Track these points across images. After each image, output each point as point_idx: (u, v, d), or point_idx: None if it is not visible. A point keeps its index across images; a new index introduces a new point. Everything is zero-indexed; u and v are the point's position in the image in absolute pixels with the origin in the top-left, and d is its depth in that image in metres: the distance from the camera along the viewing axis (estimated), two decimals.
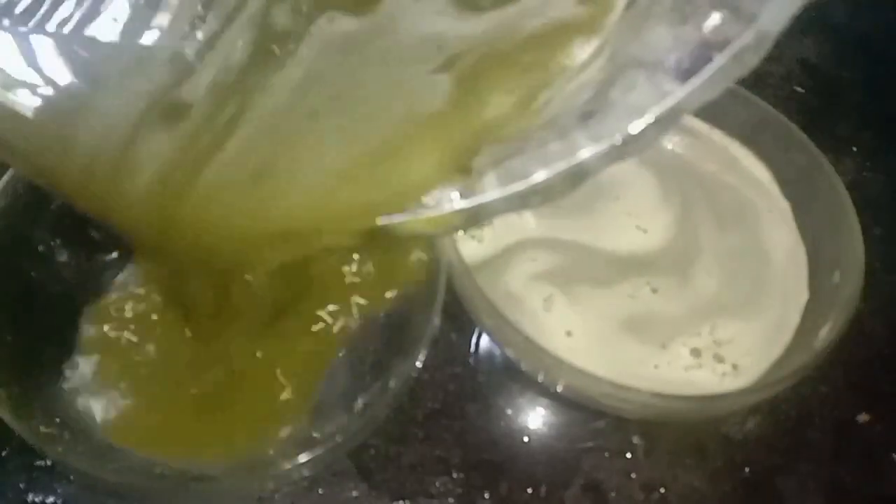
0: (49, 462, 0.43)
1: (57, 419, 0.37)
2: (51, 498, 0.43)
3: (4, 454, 0.44)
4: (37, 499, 0.43)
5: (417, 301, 0.40)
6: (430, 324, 0.38)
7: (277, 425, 0.39)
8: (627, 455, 0.45)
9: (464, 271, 0.37)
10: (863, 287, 0.37)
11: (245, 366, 0.40)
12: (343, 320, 0.41)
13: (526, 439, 0.46)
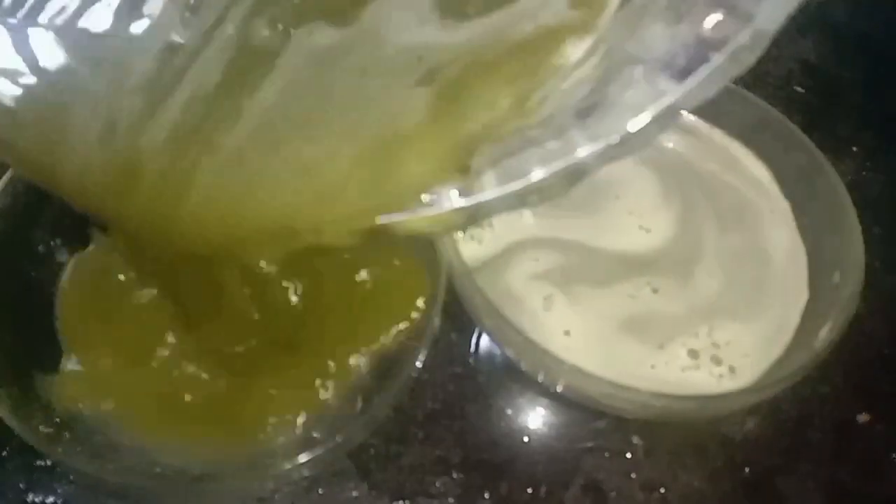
0: (49, 462, 0.43)
1: (57, 419, 0.37)
2: (51, 498, 0.43)
3: (4, 454, 0.44)
4: (37, 499, 0.43)
5: None
6: (430, 324, 0.38)
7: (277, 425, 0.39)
8: (627, 455, 0.45)
9: (464, 271, 0.37)
10: (863, 287, 0.37)
11: (245, 377, 0.40)
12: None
13: (526, 439, 0.46)
